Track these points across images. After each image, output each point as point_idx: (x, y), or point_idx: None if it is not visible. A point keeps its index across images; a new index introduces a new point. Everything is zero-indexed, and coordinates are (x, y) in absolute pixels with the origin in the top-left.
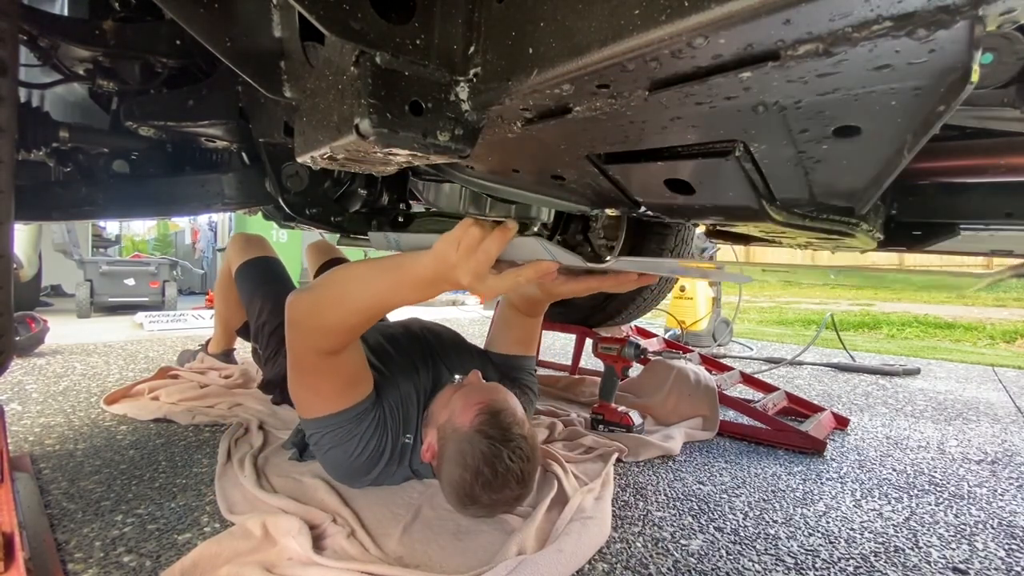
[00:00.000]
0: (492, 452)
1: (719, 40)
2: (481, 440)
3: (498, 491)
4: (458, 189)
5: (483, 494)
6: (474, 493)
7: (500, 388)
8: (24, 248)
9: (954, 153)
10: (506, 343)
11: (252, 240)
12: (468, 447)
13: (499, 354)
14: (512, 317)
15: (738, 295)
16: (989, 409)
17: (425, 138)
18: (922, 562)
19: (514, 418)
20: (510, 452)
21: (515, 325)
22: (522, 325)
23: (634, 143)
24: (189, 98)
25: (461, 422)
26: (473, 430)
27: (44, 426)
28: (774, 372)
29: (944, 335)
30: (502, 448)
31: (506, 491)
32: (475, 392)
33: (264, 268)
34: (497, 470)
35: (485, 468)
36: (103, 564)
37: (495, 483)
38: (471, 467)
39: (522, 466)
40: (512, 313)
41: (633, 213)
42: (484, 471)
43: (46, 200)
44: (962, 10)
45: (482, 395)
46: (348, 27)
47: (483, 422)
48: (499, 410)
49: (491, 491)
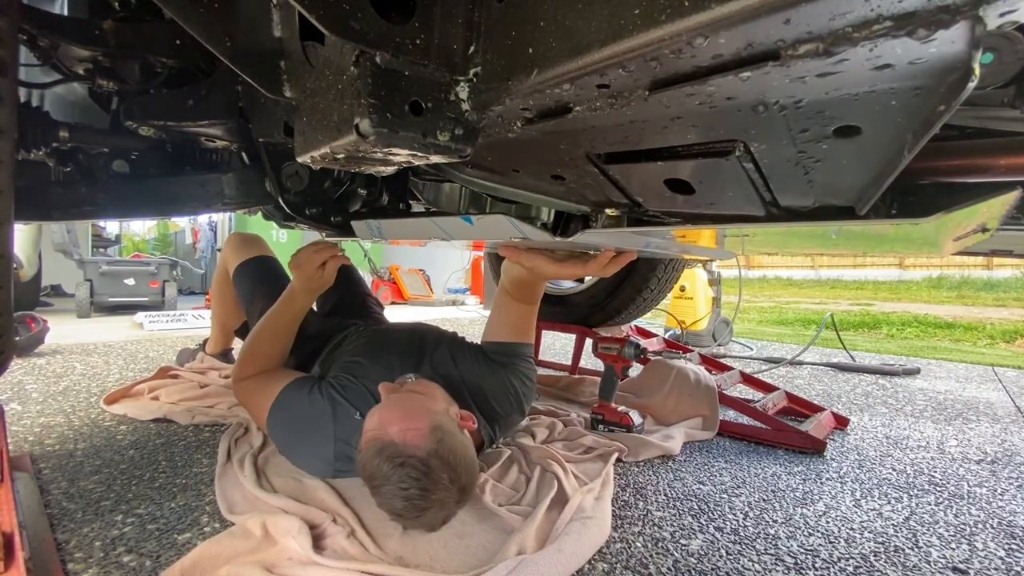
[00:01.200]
0: (384, 492)
1: (719, 40)
2: (370, 480)
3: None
4: (458, 189)
5: (405, 519)
6: (398, 519)
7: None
8: (24, 248)
9: (954, 153)
10: (501, 330)
11: (249, 239)
12: (367, 488)
13: (493, 342)
14: (506, 304)
15: (738, 295)
16: (989, 409)
17: (425, 138)
18: (922, 562)
19: (396, 448)
20: (394, 487)
21: (509, 311)
22: (517, 312)
23: (634, 143)
24: (189, 98)
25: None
26: (363, 474)
27: (44, 426)
28: (774, 372)
29: (944, 335)
30: (384, 485)
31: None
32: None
33: (262, 268)
34: (395, 505)
35: (385, 503)
36: (103, 564)
37: (407, 514)
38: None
39: (420, 485)
40: (506, 299)
41: (633, 213)
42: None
43: (46, 200)
44: (962, 10)
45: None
46: (348, 27)
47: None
48: (379, 448)
49: (408, 517)
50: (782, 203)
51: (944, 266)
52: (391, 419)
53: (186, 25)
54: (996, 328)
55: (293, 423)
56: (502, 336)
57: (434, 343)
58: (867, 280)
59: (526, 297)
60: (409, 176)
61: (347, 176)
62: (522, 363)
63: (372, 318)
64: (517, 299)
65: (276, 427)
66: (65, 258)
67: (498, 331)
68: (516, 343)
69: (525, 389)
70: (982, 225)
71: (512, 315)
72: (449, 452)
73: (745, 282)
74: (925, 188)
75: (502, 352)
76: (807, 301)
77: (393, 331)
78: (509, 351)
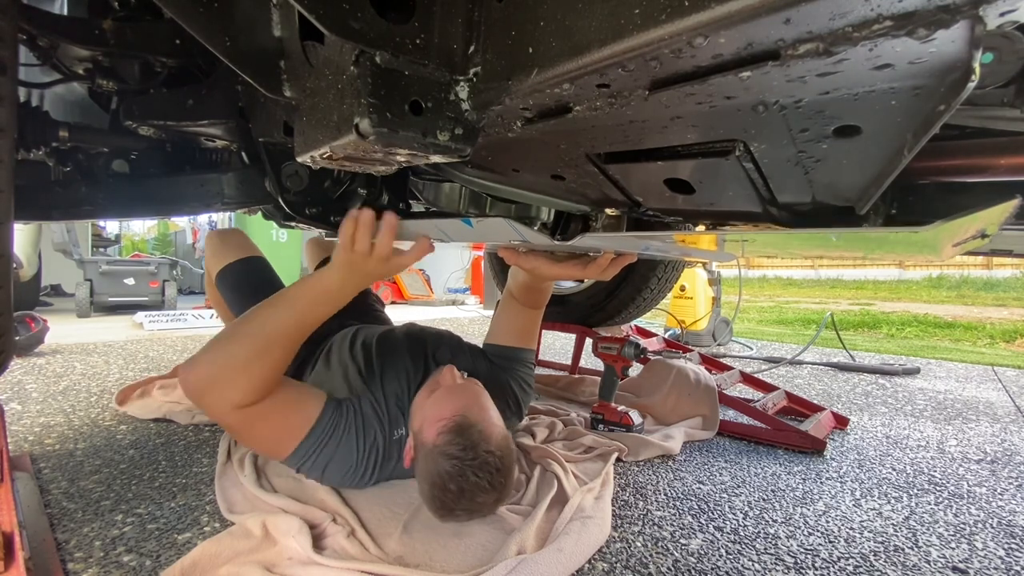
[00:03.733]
0: (456, 471)
1: (719, 39)
2: (445, 460)
3: (469, 502)
4: (458, 189)
5: (454, 506)
6: (446, 506)
7: (472, 392)
8: (24, 248)
9: (954, 153)
10: (504, 335)
11: (227, 238)
12: (433, 465)
13: (496, 345)
14: (512, 308)
15: (738, 295)
16: (989, 408)
17: (425, 137)
18: (922, 561)
19: (481, 434)
20: (475, 469)
21: (515, 316)
22: (522, 317)
23: (634, 143)
24: (189, 98)
25: (427, 437)
26: (437, 451)
27: (44, 426)
28: (774, 372)
29: (944, 334)
30: (466, 467)
31: (477, 501)
32: (445, 401)
33: (244, 274)
34: (463, 488)
35: (451, 485)
36: (103, 564)
37: (462, 498)
38: (437, 484)
39: (490, 478)
40: (512, 304)
41: (633, 213)
42: (451, 488)
43: (46, 200)
44: (962, 10)
45: (451, 406)
46: (348, 27)
47: (447, 441)
48: (466, 427)
49: (461, 504)
50: (782, 202)
51: (944, 266)
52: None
53: (186, 25)
54: (996, 328)
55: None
56: (505, 340)
57: (435, 344)
58: (867, 280)
59: (532, 302)
60: (409, 176)
61: (347, 176)
62: (522, 368)
63: (372, 316)
64: (523, 303)
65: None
66: (65, 258)
67: (502, 335)
68: (519, 348)
69: (523, 395)
70: (981, 231)
71: (517, 320)
72: (511, 455)
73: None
74: (925, 187)
75: (504, 356)
76: (807, 301)
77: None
78: (511, 356)
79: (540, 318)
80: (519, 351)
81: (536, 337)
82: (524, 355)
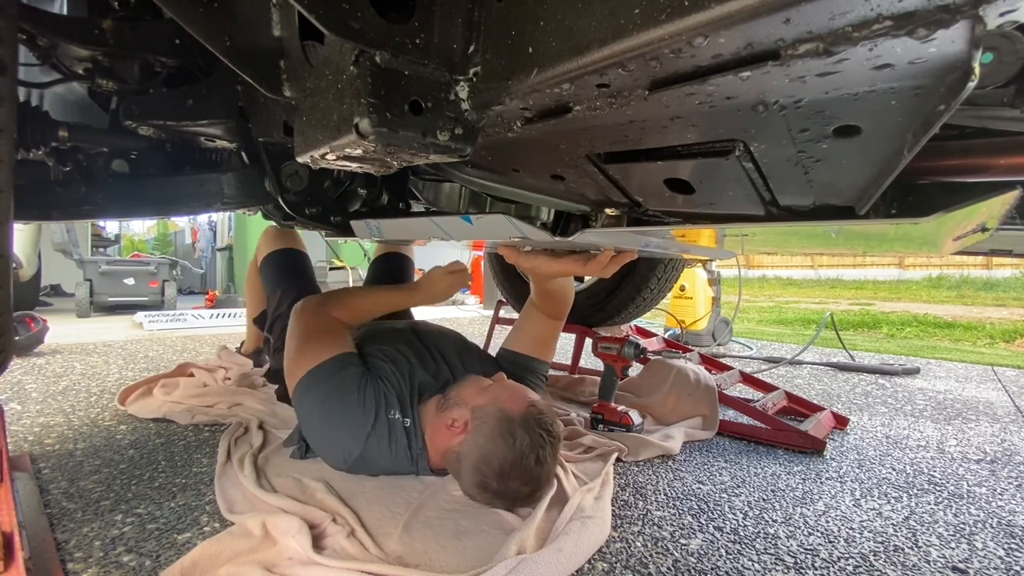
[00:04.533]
0: (537, 443)
1: (719, 39)
2: (533, 428)
3: (528, 481)
4: (458, 189)
5: (513, 478)
6: (503, 471)
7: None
8: (24, 248)
9: (954, 153)
10: (521, 342)
11: (284, 233)
12: (518, 430)
13: (512, 351)
14: (532, 316)
15: (738, 294)
16: (988, 408)
17: (425, 137)
18: (921, 561)
19: (555, 424)
20: (551, 448)
21: (536, 325)
22: (540, 326)
23: (634, 143)
24: (188, 97)
25: (512, 407)
26: (528, 417)
27: (44, 426)
28: (774, 371)
29: (943, 334)
30: (547, 441)
31: (531, 485)
32: (522, 389)
33: (291, 260)
34: (538, 457)
35: (530, 455)
36: (103, 564)
37: (529, 472)
38: (516, 448)
39: (550, 468)
40: (532, 312)
41: (633, 213)
42: (528, 458)
43: (46, 200)
44: (962, 9)
45: (531, 394)
46: (348, 26)
47: (535, 415)
48: (547, 410)
49: (522, 479)
50: (782, 203)
51: (944, 266)
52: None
53: (186, 24)
54: (996, 328)
55: (329, 411)
56: (521, 347)
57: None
58: (867, 280)
59: (550, 310)
60: (409, 176)
61: (347, 176)
62: (533, 379)
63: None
64: (542, 311)
65: (308, 399)
66: (65, 258)
67: (519, 341)
68: (533, 358)
69: None
70: (982, 224)
71: (535, 328)
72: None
73: (745, 282)
74: (925, 187)
75: (516, 363)
76: (807, 301)
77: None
78: (523, 364)
79: (558, 330)
80: (533, 361)
81: (553, 350)
82: (537, 366)
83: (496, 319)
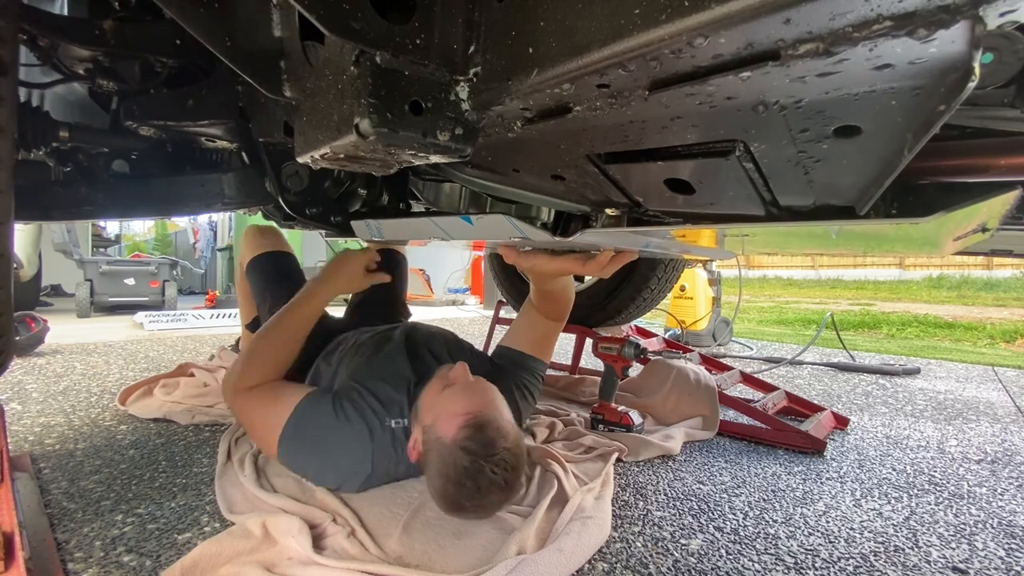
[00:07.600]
0: (475, 468)
1: (719, 40)
2: (463, 455)
3: (482, 499)
4: (458, 189)
5: (467, 502)
6: (458, 502)
7: (487, 389)
8: (24, 248)
9: (954, 153)
10: (520, 340)
11: (264, 232)
12: (450, 460)
13: (509, 348)
14: (530, 316)
15: (738, 295)
16: (989, 409)
17: (425, 138)
18: (922, 561)
19: (498, 431)
20: (492, 466)
21: (531, 325)
22: (538, 327)
23: (634, 143)
24: (189, 98)
25: (444, 432)
26: (456, 445)
27: (44, 426)
28: (774, 372)
29: (944, 335)
30: (484, 464)
31: (490, 498)
32: (461, 397)
33: (273, 264)
34: (479, 484)
35: (467, 481)
36: (103, 564)
37: (477, 494)
38: (452, 479)
39: (505, 476)
40: (530, 311)
41: (633, 213)
42: (466, 484)
43: (46, 200)
44: (962, 10)
45: (468, 403)
46: (348, 27)
47: (466, 436)
48: (483, 423)
49: (474, 500)
50: (782, 203)
51: (944, 266)
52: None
53: (186, 25)
54: (996, 328)
55: (320, 443)
56: (520, 346)
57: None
58: (867, 280)
59: (549, 311)
60: (409, 176)
61: (347, 176)
62: (527, 375)
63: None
64: (541, 312)
65: (295, 447)
66: (65, 258)
67: (518, 340)
68: (528, 355)
69: (523, 402)
70: (982, 225)
71: (533, 329)
72: (524, 455)
73: (745, 282)
74: (925, 188)
75: (510, 359)
76: (807, 301)
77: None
78: (517, 360)
79: (557, 332)
80: (528, 358)
81: (551, 351)
82: (532, 363)
83: (496, 319)
